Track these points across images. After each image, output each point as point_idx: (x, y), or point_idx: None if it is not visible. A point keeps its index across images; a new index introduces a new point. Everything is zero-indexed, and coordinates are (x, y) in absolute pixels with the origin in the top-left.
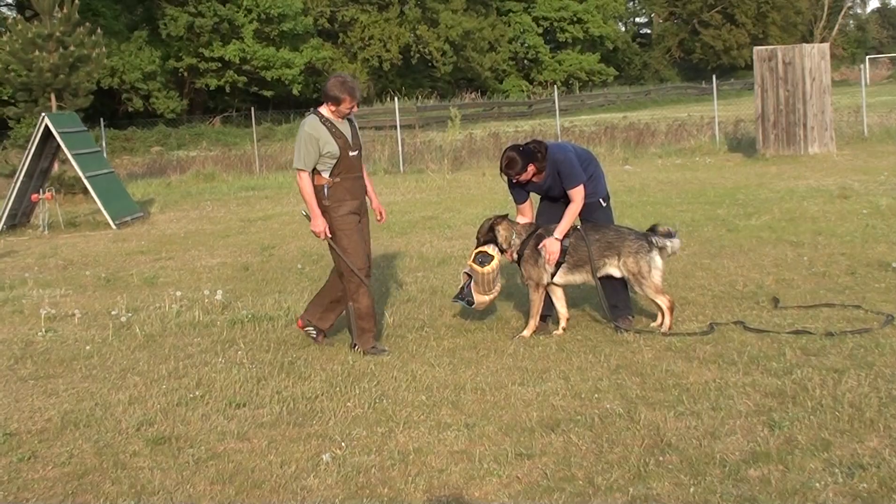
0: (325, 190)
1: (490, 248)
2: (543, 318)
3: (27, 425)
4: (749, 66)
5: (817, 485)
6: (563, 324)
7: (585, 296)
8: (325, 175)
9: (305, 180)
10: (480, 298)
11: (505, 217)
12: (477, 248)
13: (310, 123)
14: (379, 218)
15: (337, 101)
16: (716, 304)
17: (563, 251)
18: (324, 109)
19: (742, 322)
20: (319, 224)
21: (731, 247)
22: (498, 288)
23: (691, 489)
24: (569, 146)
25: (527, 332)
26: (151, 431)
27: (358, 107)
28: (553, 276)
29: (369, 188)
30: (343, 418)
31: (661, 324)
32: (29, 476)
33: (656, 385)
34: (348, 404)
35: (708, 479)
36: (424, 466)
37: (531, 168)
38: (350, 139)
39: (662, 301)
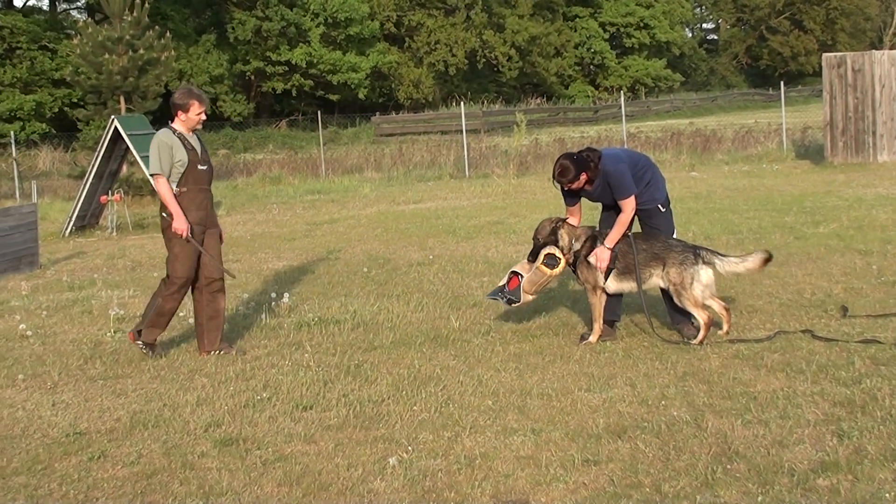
0: None
1: (556, 251)
2: (610, 323)
3: (97, 425)
4: (817, 73)
5: (887, 495)
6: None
7: (651, 302)
8: (173, 185)
9: (163, 184)
10: (526, 298)
11: (565, 221)
12: (536, 249)
13: (163, 133)
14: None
15: (185, 108)
16: (783, 312)
17: (613, 258)
18: (175, 124)
19: (810, 330)
20: (182, 223)
21: (799, 255)
22: None
23: (759, 498)
24: (623, 155)
25: (593, 338)
26: (219, 432)
27: (206, 114)
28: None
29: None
30: (409, 422)
31: (698, 335)
32: (98, 475)
33: (724, 393)
34: (414, 408)
35: (776, 489)
36: (491, 471)
37: (584, 177)
38: (200, 153)
39: (701, 315)
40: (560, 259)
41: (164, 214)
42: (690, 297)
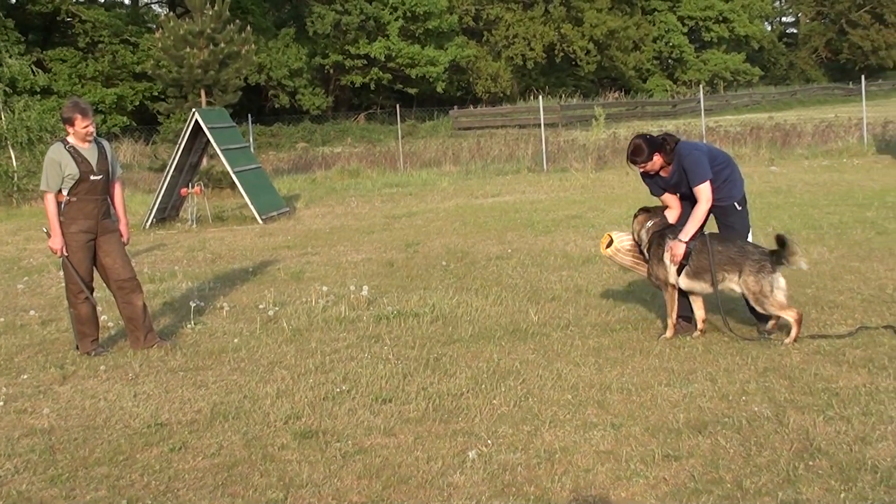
0: (62, 206)
1: (614, 234)
2: (686, 318)
3: (178, 416)
4: None
5: None
6: (700, 326)
7: (734, 298)
8: (65, 193)
9: (50, 201)
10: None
11: (648, 210)
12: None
13: (53, 149)
14: (125, 240)
15: (70, 122)
16: (865, 307)
17: (687, 254)
18: (69, 137)
19: (893, 326)
20: (57, 242)
21: (881, 250)
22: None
23: (842, 495)
24: (703, 146)
25: (668, 334)
26: (299, 425)
27: (93, 125)
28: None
29: (119, 209)
30: (489, 416)
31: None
32: (180, 466)
33: (805, 389)
34: (494, 402)
35: (859, 486)
36: (570, 466)
37: (657, 158)
38: (95, 164)
39: (789, 315)
40: (611, 240)
41: (44, 230)
42: (774, 303)
